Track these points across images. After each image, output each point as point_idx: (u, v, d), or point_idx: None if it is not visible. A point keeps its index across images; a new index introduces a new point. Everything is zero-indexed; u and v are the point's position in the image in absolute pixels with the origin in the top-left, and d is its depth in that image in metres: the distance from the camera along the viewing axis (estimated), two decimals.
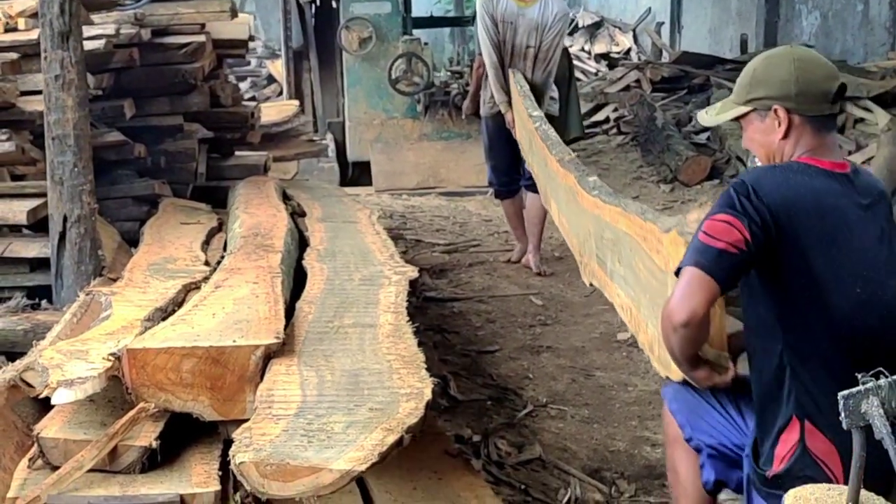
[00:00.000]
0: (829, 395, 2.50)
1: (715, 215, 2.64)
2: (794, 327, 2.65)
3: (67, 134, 4.71)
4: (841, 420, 2.06)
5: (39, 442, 3.14)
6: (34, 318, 4.57)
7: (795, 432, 2.66)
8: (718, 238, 2.60)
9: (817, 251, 2.64)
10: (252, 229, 4.89)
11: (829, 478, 2.60)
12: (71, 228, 4.74)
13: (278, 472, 2.61)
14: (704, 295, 2.59)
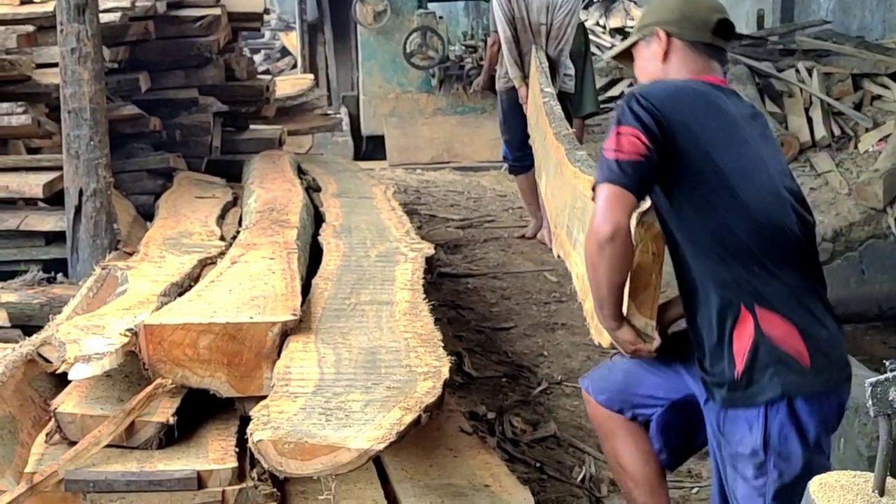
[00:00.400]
0: (770, 280, 2.66)
1: (615, 130, 2.67)
2: (719, 228, 2.68)
3: (83, 107, 4.69)
4: (868, 407, 2.06)
5: (57, 417, 3.14)
6: (50, 291, 4.57)
7: (749, 322, 2.66)
8: (623, 151, 2.64)
9: (719, 148, 2.70)
10: (268, 204, 4.88)
11: (796, 359, 2.63)
12: (87, 202, 4.73)
13: (296, 450, 2.60)
14: (623, 207, 2.65)
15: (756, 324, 2.65)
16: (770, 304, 2.65)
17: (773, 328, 2.64)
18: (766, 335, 2.65)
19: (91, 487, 2.98)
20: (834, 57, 10.18)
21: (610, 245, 2.68)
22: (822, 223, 8.17)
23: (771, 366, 2.63)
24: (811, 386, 2.65)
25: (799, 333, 2.64)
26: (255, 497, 3.05)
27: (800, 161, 8.92)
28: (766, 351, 2.64)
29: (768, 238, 2.68)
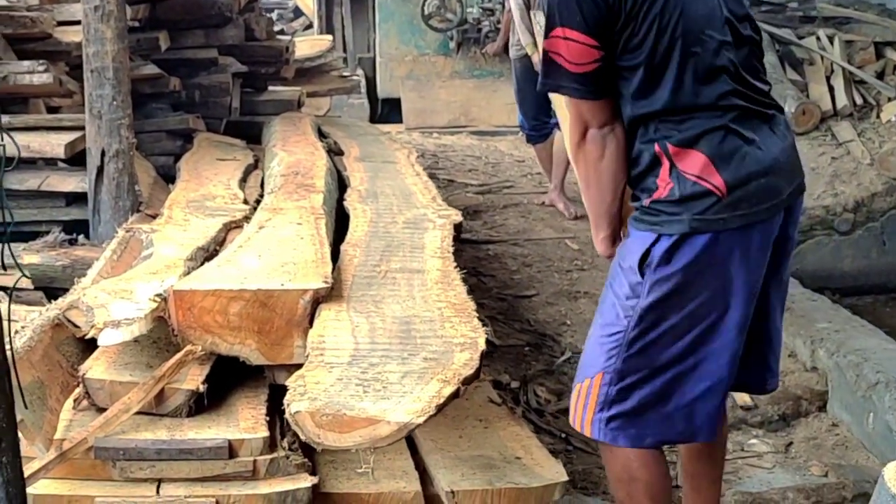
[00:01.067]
0: (683, 113, 2.63)
1: (566, 32, 2.60)
2: (647, 65, 2.64)
3: (106, 66, 4.62)
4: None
5: (85, 383, 3.10)
6: (73, 253, 4.52)
7: (665, 160, 2.64)
8: (580, 63, 2.61)
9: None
10: (291, 168, 4.82)
11: (711, 191, 2.61)
12: (109, 163, 4.67)
13: (334, 422, 2.56)
14: (592, 111, 2.67)
15: (671, 162, 2.63)
16: (682, 143, 2.63)
17: (688, 162, 2.62)
18: (681, 172, 2.62)
19: (121, 455, 2.94)
20: (855, 24, 10.06)
21: (583, 146, 2.71)
22: (844, 193, 8.10)
23: (681, 202, 2.62)
24: (724, 222, 2.62)
25: (713, 165, 2.61)
26: (286, 467, 3.02)
27: (821, 130, 8.84)
28: (682, 189, 2.62)
29: (695, 63, 2.64)
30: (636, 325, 2.69)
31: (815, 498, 4.08)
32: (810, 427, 4.64)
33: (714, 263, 2.64)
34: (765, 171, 2.65)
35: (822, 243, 7.96)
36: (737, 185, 2.61)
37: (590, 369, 2.81)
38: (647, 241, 2.66)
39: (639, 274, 2.67)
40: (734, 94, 2.66)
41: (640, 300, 2.67)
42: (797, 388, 4.81)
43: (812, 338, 4.86)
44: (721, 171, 2.60)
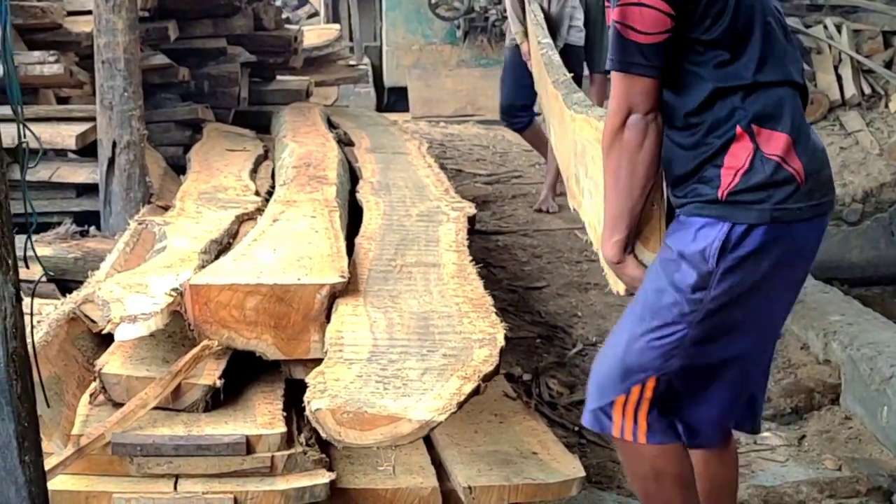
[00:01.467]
0: (768, 88, 2.45)
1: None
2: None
3: (118, 58, 4.61)
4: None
5: (102, 378, 3.09)
6: (84, 245, 4.51)
7: (746, 141, 2.44)
8: (643, 32, 2.41)
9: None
10: (303, 159, 4.80)
11: (794, 176, 2.42)
12: (120, 154, 4.66)
13: (355, 420, 2.55)
14: (643, 92, 2.45)
15: (755, 143, 2.44)
16: (769, 125, 2.44)
17: (772, 143, 2.43)
18: (763, 153, 2.43)
19: (138, 451, 2.93)
20: (863, 13, 10.02)
21: (623, 132, 2.48)
22: (853, 184, 8.08)
23: (764, 188, 2.43)
24: (800, 212, 2.45)
25: (794, 148, 2.43)
26: (303, 463, 3.01)
27: (829, 120, 8.81)
28: (762, 170, 2.43)
29: (769, 41, 2.50)
30: (703, 320, 2.49)
31: (829, 492, 4.07)
32: (823, 420, 4.63)
33: (785, 255, 2.47)
34: (824, 160, 2.53)
35: (831, 234, 7.93)
36: (812, 171, 2.44)
37: (638, 374, 2.57)
38: (717, 227, 2.44)
39: (711, 262, 2.44)
40: (799, 71, 2.55)
41: (708, 291, 2.46)
42: (810, 380, 4.80)
43: (825, 330, 4.84)
44: (800, 155, 2.43)
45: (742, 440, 4.48)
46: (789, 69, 2.50)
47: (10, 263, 2.10)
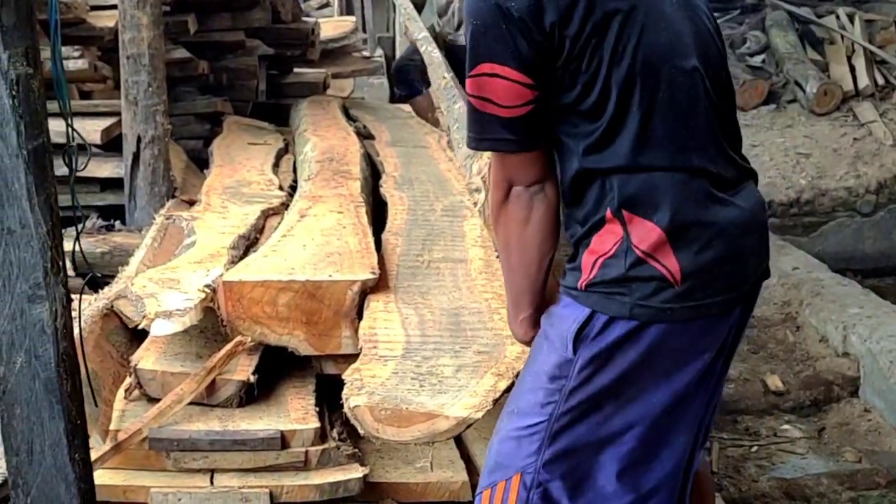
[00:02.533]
0: (644, 171, 2.11)
1: (478, 66, 2.09)
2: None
3: (142, 53, 4.63)
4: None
5: (137, 373, 3.13)
6: (111, 240, 4.54)
7: (616, 227, 2.12)
8: (509, 105, 2.09)
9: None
10: (325, 154, 4.82)
11: (664, 275, 2.11)
12: (145, 149, 4.70)
13: (393, 417, 2.58)
14: (518, 165, 2.16)
15: (625, 230, 2.12)
16: (640, 211, 2.11)
17: (643, 234, 2.11)
18: (633, 245, 2.12)
19: (175, 446, 2.98)
20: (875, 3, 10.04)
21: (507, 207, 2.20)
22: (866, 175, 8.10)
23: (623, 283, 2.12)
24: (671, 314, 2.13)
25: (670, 244, 2.11)
26: (337, 457, 3.06)
27: (842, 111, 8.83)
28: (624, 262, 2.12)
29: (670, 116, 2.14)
30: (564, 414, 2.20)
31: (850, 484, 4.11)
32: (842, 413, 4.67)
33: (663, 353, 2.16)
34: (730, 257, 2.16)
35: (844, 225, 7.96)
36: (694, 272, 2.12)
37: (503, 471, 2.28)
38: (580, 314, 2.16)
39: (570, 349, 2.17)
40: (708, 153, 2.16)
41: (567, 381, 2.18)
42: (829, 373, 4.84)
43: (844, 323, 4.88)
44: (678, 253, 2.10)
45: (762, 432, 4.53)
46: (689, 155, 2.13)
47: (60, 264, 2.14)
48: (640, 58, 2.09)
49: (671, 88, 2.12)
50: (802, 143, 8.40)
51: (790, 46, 9.51)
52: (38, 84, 2.11)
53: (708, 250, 2.12)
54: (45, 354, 2.14)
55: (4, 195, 2.08)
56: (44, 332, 2.13)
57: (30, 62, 2.08)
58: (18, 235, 2.10)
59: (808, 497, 4.05)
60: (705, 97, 2.17)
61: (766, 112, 9.00)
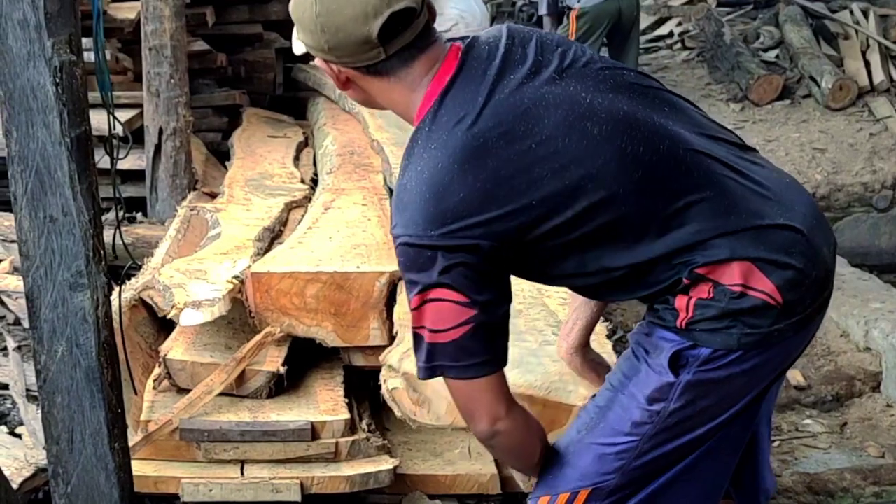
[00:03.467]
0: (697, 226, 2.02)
1: (414, 297, 1.97)
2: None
3: (164, 45, 4.64)
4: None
5: (167, 364, 3.13)
6: (133, 231, 4.54)
7: (700, 286, 2.03)
8: (449, 328, 1.95)
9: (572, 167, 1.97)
10: (346, 147, 4.82)
11: (766, 300, 2.04)
12: (166, 141, 4.70)
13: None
14: (483, 394, 2.02)
15: (708, 281, 2.04)
16: (711, 257, 2.03)
17: (726, 275, 2.03)
18: (722, 285, 2.03)
19: (205, 437, 2.98)
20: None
21: (501, 430, 2.07)
22: (882, 170, 8.06)
23: (727, 318, 2.04)
24: (780, 335, 2.07)
25: (759, 269, 2.03)
26: (367, 449, 3.06)
27: (857, 106, 8.79)
28: (721, 301, 2.03)
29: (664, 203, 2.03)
30: (655, 434, 2.11)
31: (873, 479, 4.09)
32: (864, 408, 4.65)
33: (763, 370, 2.11)
34: (811, 257, 2.08)
35: (860, 220, 7.92)
36: (789, 287, 2.05)
37: (573, 481, 2.17)
38: (680, 341, 2.08)
39: (671, 373, 2.07)
40: (734, 195, 2.07)
41: (668, 404, 2.08)
42: (850, 368, 4.82)
43: (866, 318, 4.86)
44: (770, 275, 2.03)
45: (784, 427, 4.51)
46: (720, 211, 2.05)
47: (101, 253, 2.14)
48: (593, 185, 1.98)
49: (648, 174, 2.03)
50: (818, 139, 8.37)
51: (804, 41, 9.49)
52: (81, 72, 2.11)
53: (791, 258, 2.05)
54: (87, 343, 2.14)
55: (47, 183, 2.08)
56: (85, 321, 2.13)
57: (73, 50, 2.07)
58: (61, 223, 2.10)
59: (831, 492, 4.04)
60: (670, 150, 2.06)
61: (780, 107, 8.97)
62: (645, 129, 2.04)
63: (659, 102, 2.11)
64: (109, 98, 2.48)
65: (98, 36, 2.42)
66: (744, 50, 9.75)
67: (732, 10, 11.50)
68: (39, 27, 2.04)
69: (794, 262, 2.05)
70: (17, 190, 2.12)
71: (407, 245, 1.94)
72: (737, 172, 2.09)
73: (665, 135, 2.06)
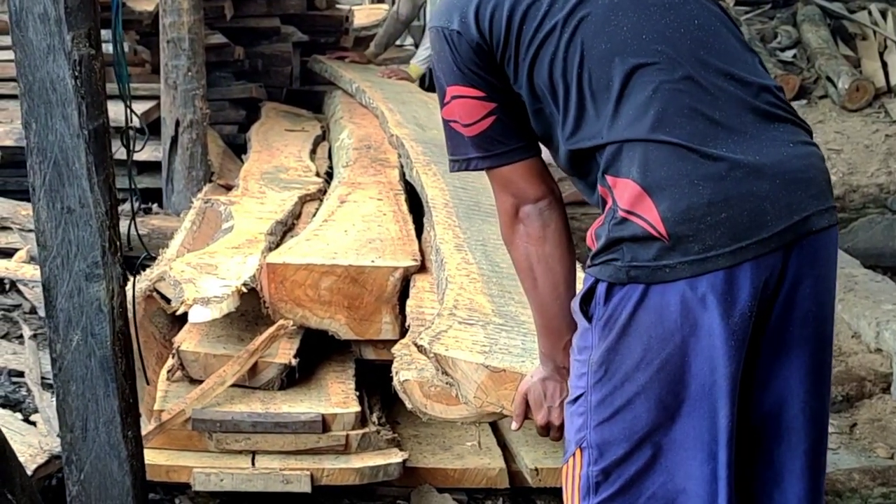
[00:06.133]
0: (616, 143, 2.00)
1: (453, 91, 2.10)
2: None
3: (182, 37, 4.67)
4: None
5: (180, 355, 3.16)
6: (149, 222, 4.58)
7: (607, 195, 1.99)
8: (464, 123, 2.09)
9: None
10: (362, 141, 4.85)
11: (647, 230, 1.93)
12: (183, 133, 4.73)
13: (442, 393, 2.60)
14: (525, 183, 2.09)
15: (611, 194, 1.98)
16: (620, 172, 1.98)
17: (625, 194, 1.96)
18: (618, 204, 1.96)
19: (217, 427, 3.01)
20: None
21: (519, 228, 2.13)
22: None
23: (612, 246, 1.97)
24: (670, 272, 1.94)
25: (649, 195, 1.94)
26: (377, 442, 3.08)
27: (874, 107, 8.79)
28: (616, 227, 1.95)
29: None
30: (596, 382, 2.04)
31: (882, 480, 4.10)
32: (874, 409, 4.65)
33: (671, 318, 1.96)
34: (728, 201, 1.95)
35: (875, 221, 7.91)
36: (681, 221, 1.93)
37: (568, 447, 2.15)
38: (587, 281, 2.04)
39: (584, 318, 2.05)
40: (681, 107, 2.00)
41: (592, 350, 2.04)
42: (861, 369, 4.82)
43: (878, 319, 4.86)
44: (659, 205, 1.94)
45: None
46: (653, 118, 2.00)
47: (117, 244, 2.17)
48: (587, 68, 2.03)
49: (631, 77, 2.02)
50: (833, 139, 8.37)
51: (822, 42, 9.48)
52: (100, 65, 2.13)
53: (696, 194, 1.93)
54: (101, 333, 2.17)
55: (65, 174, 2.11)
56: (100, 311, 2.16)
57: (92, 43, 2.10)
58: (78, 214, 2.13)
59: (839, 492, 4.05)
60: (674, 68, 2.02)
61: (796, 107, 8.94)
62: None
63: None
64: (127, 90, 2.50)
65: (117, 29, 2.45)
66: (761, 49, 9.75)
67: (750, 9, 11.48)
68: (59, 21, 2.07)
69: (695, 197, 1.94)
70: (36, 181, 2.15)
71: (434, 30, 2.11)
72: (718, 88, 2.02)
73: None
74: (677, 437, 2.01)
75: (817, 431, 2.11)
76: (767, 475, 2.12)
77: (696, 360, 1.97)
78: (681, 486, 2.02)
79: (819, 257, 2.04)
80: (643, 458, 2.03)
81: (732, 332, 1.95)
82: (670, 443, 2.02)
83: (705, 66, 2.03)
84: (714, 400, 1.98)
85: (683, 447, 2.01)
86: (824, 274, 2.06)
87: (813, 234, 2.01)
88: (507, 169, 2.10)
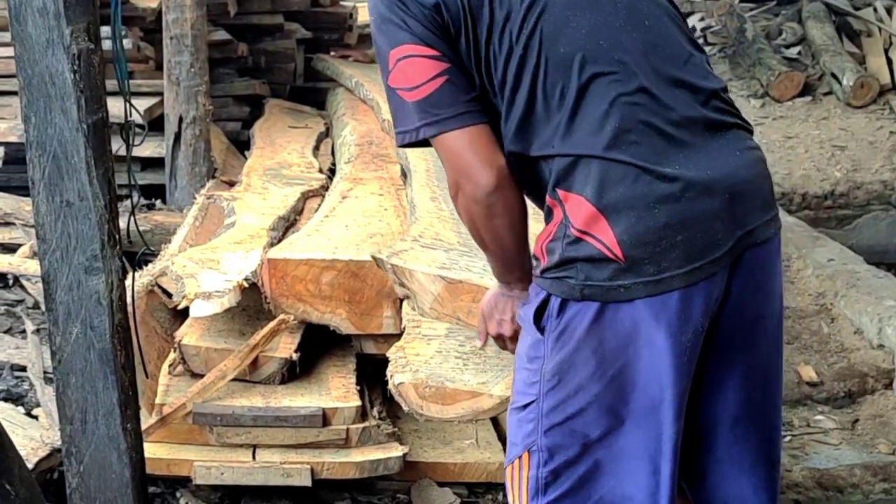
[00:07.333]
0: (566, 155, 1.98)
1: (388, 54, 2.01)
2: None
3: (185, 34, 4.68)
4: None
5: (181, 349, 3.17)
6: (152, 218, 4.59)
7: (557, 209, 1.99)
8: (421, 83, 1.98)
9: None
10: (364, 137, 4.86)
11: (602, 252, 1.95)
12: (186, 129, 4.74)
13: (437, 394, 2.62)
14: (473, 150, 1.99)
15: (563, 211, 1.98)
16: (573, 188, 1.97)
17: (579, 212, 1.95)
18: (570, 222, 1.96)
19: (218, 421, 3.03)
20: None
21: (467, 201, 2.04)
22: None
23: (566, 264, 1.98)
24: (624, 292, 1.96)
25: (605, 217, 1.94)
26: (377, 436, 3.09)
27: (879, 104, 8.78)
28: (561, 244, 1.98)
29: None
30: (549, 390, 2.06)
31: (883, 475, 4.11)
32: (876, 405, 4.66)
33: (623, 335, 1.99)
34: (684, 223, 1.96)
35: (879, 218, 7.92)
36: (638, 244, 1.95)
37: (513, 448, 2.17)
38: (540, 295, 2.05)
39: (537, 330, 2.06)
40: (636, 123, 1.99)
41: (545, 361, 2.05)
42: (863, 365, 4.83)
43: (879, 315, 4.87)
44: (615, 226, 1.94)
45: (795, 422, 4.53)
46: (609, 127, 1.98)
47: (116, 238, 2.18)
48: (545, 55, 2.01)
49: (588, 76, 2.01)
50: (838, 136, 8.36)
51: (827, 38, 9.47)
52: (99, 59, 2.15)
53: (648, 220, 1.95)
54: (101, 325, 2.18)
55: (64, 168, 2.12)
56: (99, 304, 2.17)
57: (91, 38, 2.11)
58: (77, 208, 2.14)
59: (841, 488, 4.06)
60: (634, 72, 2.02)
61: (801, 104, 8.96)
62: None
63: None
64: (126, 86, 2.52)
65: (116, 24, 2.46)
66: (766, 46, 9.74)
67: (755, 6, 11.47)
68: (58, 15, 2.08)
69: (651, 220, 1.95)
70: (35, 174, 2.16)
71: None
72: (661, 102, 2.01)
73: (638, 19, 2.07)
74: (626, 445, 2.06)
75: (767, 426, 2.19)
76: (723, 469, 2.19)
77: (647, 375, 2.01)
78: (629, 492, 2.08)
79: (762, 265, 2.09)
80: (592, 461, 2.07)
81: (684, 350, 2.00)
82: (619, 450, 2.07)
83: (658, 74, 2.04)
84: (661, 415, 2.03)
85: (632, 456, 2.06)
86: (766, 279, 2.11)
87: (757, 246, 2.06)
88: (456, 134, 1.99)
